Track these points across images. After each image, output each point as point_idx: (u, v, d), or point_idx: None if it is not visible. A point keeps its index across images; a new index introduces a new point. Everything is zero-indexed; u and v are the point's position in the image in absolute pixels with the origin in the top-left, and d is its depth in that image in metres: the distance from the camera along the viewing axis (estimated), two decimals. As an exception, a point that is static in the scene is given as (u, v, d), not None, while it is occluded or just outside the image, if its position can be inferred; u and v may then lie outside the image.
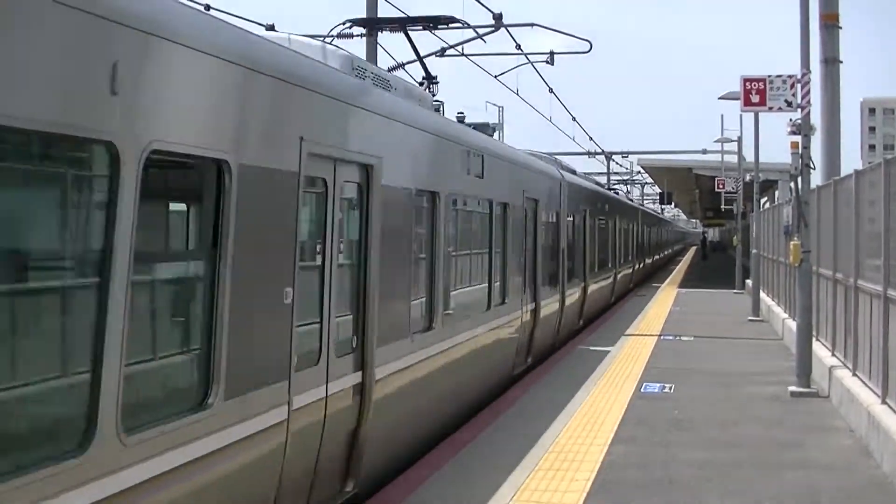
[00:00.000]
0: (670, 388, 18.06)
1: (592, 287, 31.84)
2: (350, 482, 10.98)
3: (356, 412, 10.93)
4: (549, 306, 23.64)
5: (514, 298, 19.46)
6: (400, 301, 12.51)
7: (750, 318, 31.94)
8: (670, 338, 26.36)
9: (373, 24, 19.79)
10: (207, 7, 17.05)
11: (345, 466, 10.91)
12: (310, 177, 9.65)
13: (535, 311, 21.78)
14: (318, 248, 10.13)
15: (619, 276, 40.88)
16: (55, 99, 6.14)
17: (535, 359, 22.10)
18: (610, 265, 38.06)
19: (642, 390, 17.83)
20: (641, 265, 56.24)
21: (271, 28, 20.21)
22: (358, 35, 21.41)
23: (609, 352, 23.53)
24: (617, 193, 54.69)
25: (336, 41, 20.48)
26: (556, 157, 32.15)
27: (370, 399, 11.07)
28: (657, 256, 68.36)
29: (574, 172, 32.46)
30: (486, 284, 17.55)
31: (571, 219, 28.13)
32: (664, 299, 41.20)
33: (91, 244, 6.78)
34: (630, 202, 61.67)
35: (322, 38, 15.40)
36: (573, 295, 27.54)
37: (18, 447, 6.13)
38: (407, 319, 12.69)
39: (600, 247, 34.71)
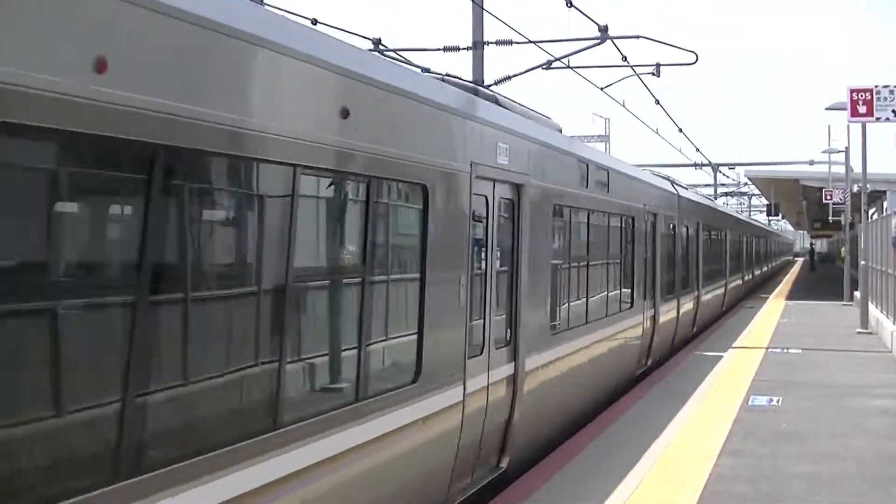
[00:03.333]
0: (778, 401, 18.02)
1: (705, 297, 33.83)
2: (504, 459, 12.74)
3: (510, 397, 12.78)
4: (668, 313, 25.89)
5: (638, 305, 21.73)
6: (543, 302, 14.30)
7: (858, 330, 31.61)
8: (778, 350, 26.22)
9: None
10: (315, 21, 17.44)
11: (500, 445, 12.66)
12: (477, 194, 11.56)
13: (655, 318, 23.83)
14: (483, 254, 12.02)
15: (729, 287, 42.12)
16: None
17: (654, 361, 23.96)
18: (721, 276, 39.41)
19: (750, 403, 17.81)
20: (751, 276, 57.47)
21: (378, 42, 20.64)
22: (464, 48, 21.72)
23: (718, 362, 23.54)
24: (726, 205, 54.79)
25: (443, 53, 21.03)
26: (660, 167, 32.85)
27: (521, 387, 12.95)
28: (765, 268, 68.39)
29: (686, 188, 34.28)
30: (616, 291, 19.69)
31: (685, 231, 30.02)
32: (772, 311, 40.90)
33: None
34: (738, 215, 61.60)
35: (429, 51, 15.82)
36: (687, 304, 29.60)
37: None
38: (548, 320, 14.52)
39: (712, 258, 36.13)
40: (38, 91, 5.22)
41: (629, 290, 20.91)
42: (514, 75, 22.02)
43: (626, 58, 25.16)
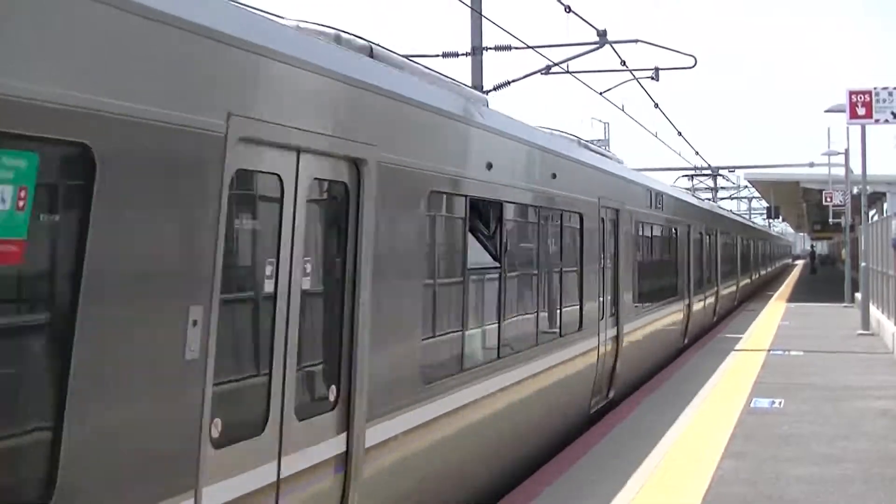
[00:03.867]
0: (780, 403, 18.07)
1: (723, 292, 40.77)
2: (612, 391, 18.94)
3: (616, 349, 19.05)
4: (702, 302, 33.46)
5: (681, 293, 28.69)
6: (632, 287, 21.03)
7: (860, 332, 31.66)
8: (780, 352, 26.27)
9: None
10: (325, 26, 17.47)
11: (609, 381, 18.78)
12: (602, 218, 18.23)
13: (690, 305, 30.13)
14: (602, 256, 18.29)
15: (692, 310, 43.50)
16: None
17: (691, 340, 30.91)
18: (676, 293, 42.19)
19: (752, 405, 17.86)
20: (757, 276, 64.22)
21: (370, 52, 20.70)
22: (463, 54, 21.79)
23: (724, 359, 23.65)
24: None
25: (442, 59, 21.12)
26: (660, 171, 33.42)
27: (622, 343, 19.44)
28: (753, 277, 68.55)
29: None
30: (671, 281, 26.98)
31: (710, 236, 36.90)
32: (773, 313, 40.95)
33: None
34: (722, 211, 61.84)
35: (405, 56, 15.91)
36: (710, 298, 36.31)
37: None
38: (632, 299, 21.06)
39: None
40: None
41: (676, 283, 27.57)
42: (513, 80, 22.11)
43: (624, 62, 25.26)
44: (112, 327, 5.72)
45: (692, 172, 67.41)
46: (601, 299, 17.92)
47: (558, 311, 15.29)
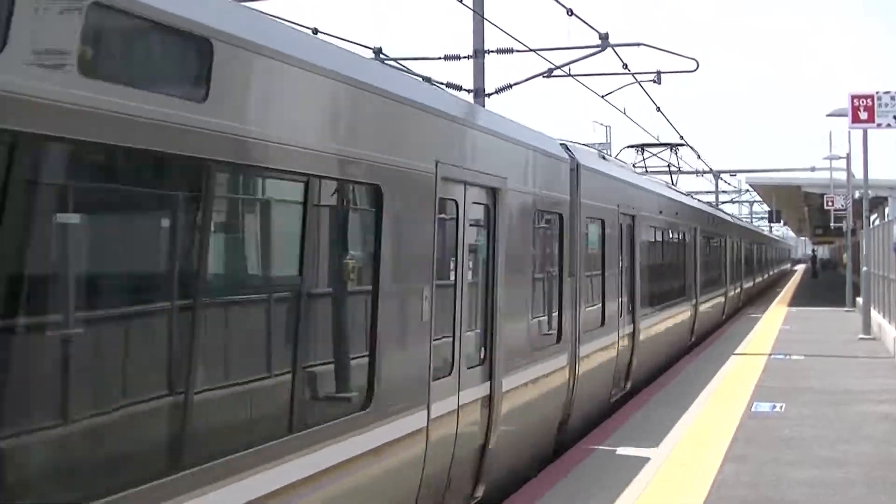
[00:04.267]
0: (781, 407, 18.06)
1: (731, 293, 44.21)
2: (629, 383, 20.30)
3: (633, 342, 20.61)
4: (710, 301, 35.92)
5: (689, 294, 30.70)
6: (646, 287, 22.50)
7: (861, 336, 31.65)
8: (781, 356, 26.27)
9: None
10: (315, 31, 17.47)
11: (627, 373, 20.22)
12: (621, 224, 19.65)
13: (696, 306, 31.60)
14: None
15: (745, 286, 47.88)
16: None
17: (698, 338, 32.52)
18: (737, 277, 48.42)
19: (753, 409, 17.86)
20: (764, 277, 67.94)
21: (379, 52, 20.70)
22: (465, 57, 21.75)
23: (725, 363, 23.66)
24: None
25: (444, 62, 21.04)
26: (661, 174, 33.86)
27: (638, 335, 20.96)
28: (775, 271, 68.85)
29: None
30: (685, 284, 29.88)
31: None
32: (774, 317, 40.95)
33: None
34: (699, 204, 62.12)
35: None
36: (719, 297, 39.37)
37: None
38: (649, 299, 22.84)
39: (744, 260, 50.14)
40: None
41: (683, 284, 29.76)
42: (515, 83, 22.07)
43: (626, 65, 25.21)
44: (392, 297, 9.11)
45: (694, 171, 67.20)
46: (620, 298, 19.55)
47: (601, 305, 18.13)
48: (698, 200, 41.21)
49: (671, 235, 27.49)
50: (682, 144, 44.89)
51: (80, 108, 5.31)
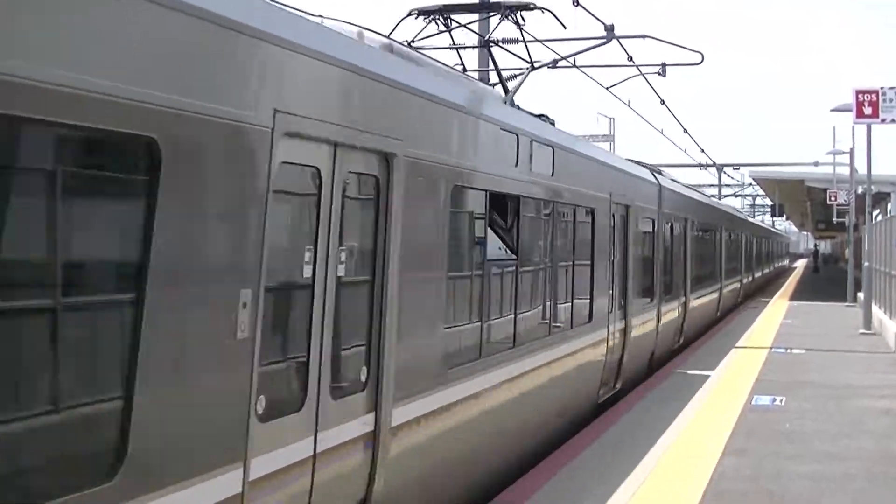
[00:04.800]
0: (781, 401, 18.03)
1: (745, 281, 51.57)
2: (681, 339, 27.19)
3: (683, 316, 27.23)
4: (731, 286, 43.43)
5: (713, 281, 37.56)
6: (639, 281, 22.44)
7: (862, 331, 31.62)
8: (781, 350, 26.24)
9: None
10: (321, 17, 17.37)
11: (680, 331, 26.82)
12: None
13: (720, 290, 39.61)
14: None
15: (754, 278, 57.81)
16: None
17: (723, 313, 41.20)
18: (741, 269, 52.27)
19: (753, 402, 17.83)
20: (768, 270, 71.06)
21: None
22: (470, 46, 21.58)
23: (725, 357, 23.64)
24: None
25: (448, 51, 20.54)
26: (665, 168, 34.20)
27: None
28: (776, 266, 69.15)
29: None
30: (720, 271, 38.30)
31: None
32: (775, 311, 40.92)
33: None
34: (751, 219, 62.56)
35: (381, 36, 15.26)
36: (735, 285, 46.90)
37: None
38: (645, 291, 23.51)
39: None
40: None
41: (700, 273, 33.77)
42: (520, 73, 22.02)
43: (631, 57, 25.15)
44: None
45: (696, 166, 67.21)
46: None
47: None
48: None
49: (706, 234, 36.21)
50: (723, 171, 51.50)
51: None
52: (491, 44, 17.85)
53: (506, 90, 16.17)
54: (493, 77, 21.11)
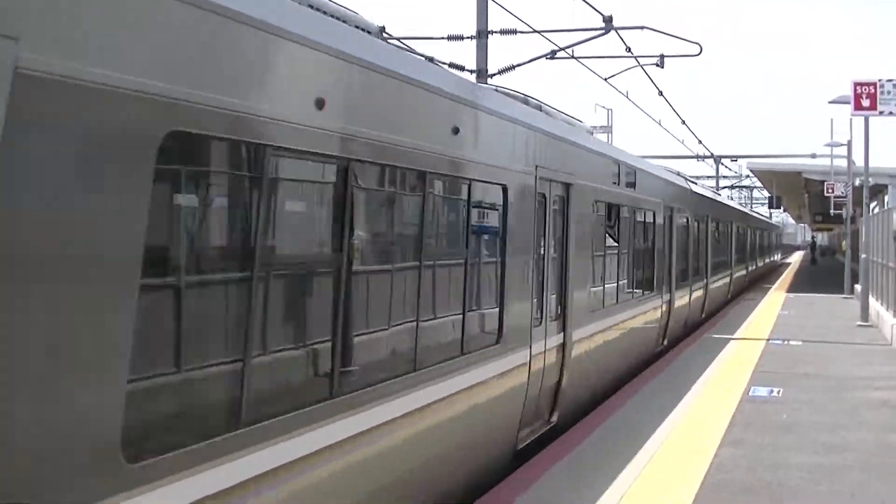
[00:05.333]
0: (779, 392, 18.07)
1: (738, 275, 51.01)
2: (705, 313, 33.90)
3: (705, 295, 33.29)
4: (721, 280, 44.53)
5: (724, 270, 42.15)
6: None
7: (859, 323, 31.66)
8: (779, 342, 26.28)
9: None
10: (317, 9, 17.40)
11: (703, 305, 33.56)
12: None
13: (731, 280, 44.20)
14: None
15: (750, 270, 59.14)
16: None
17: (734, 296, 46.33)
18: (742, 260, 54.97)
19: (750, 394, 17.86)
20: (767, 260, 73.53)
21: (382, 30, 20.64)
22: (468, 37, 21.72)
23: (722, 348, 23.67)
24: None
25: (447, 42, 21.04)
26: (663, 159, 34.30)
27: (708, 290, 33.97)
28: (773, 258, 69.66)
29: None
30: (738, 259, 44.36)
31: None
32: (773, 303, 40.97)
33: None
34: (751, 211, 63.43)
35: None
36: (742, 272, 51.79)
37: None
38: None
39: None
40: None
41: (708, 263, 36.24)
42: (518, 65, 22.06)
43: (629, 48, 25.19)
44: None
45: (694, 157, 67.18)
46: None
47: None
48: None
49: (718, 226, 40.44)
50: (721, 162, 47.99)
51: None
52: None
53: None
54: (492, 67, 21.16)
